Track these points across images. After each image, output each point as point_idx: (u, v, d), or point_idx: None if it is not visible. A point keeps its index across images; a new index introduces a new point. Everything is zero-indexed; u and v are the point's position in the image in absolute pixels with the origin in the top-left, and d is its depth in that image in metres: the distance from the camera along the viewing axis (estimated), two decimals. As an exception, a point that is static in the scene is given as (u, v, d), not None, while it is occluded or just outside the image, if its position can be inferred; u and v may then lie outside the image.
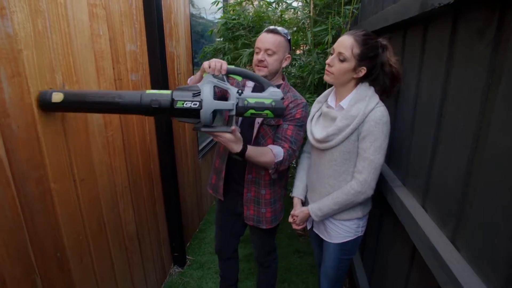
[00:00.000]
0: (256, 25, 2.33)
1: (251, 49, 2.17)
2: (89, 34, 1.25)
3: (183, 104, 1.03)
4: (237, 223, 1.57)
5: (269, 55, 1.31)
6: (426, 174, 0.91)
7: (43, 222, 1.06)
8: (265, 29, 1.35)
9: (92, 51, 1.28)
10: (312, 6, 1.91)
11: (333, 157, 1.17)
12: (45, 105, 1.02)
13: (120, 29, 1.48)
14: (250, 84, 1.43)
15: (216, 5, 2.47)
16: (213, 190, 1.52)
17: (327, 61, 1.14)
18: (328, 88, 2.20)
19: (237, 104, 1.05)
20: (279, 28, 1.32)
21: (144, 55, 1.70)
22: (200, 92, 1.05)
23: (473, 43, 0.68)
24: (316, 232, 1.39)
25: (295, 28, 2.30)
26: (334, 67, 1.12)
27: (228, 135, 1.10)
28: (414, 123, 1.02)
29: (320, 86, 2.26)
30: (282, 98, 1.06)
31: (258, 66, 1.33)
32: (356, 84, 1.15)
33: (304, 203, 1.45)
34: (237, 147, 1.14)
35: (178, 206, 2.11)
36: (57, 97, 1.02)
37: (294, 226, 1.38)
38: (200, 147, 2.86)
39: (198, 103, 1.03)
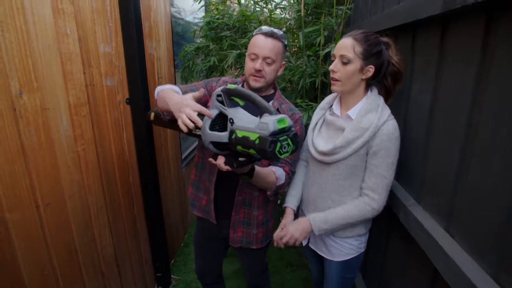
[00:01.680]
0: (242, 25, 2.19)
1: (238, 51, 2.02)
2: (54, 32, 1.07)
3: (196, 131, 0.95)
4: (219, 247, 1.41)
5: (268, 64, 1.13)
6: (451, 193, 0.80)
7: (-4, 260, 0.87)
8: (260, 30, 1.15)
9: (58, 52, 1.09)
10: (303, 5, 1.80)
11: (338, 171, 1.06)
12: (148, 122, 1.22)
13: (92, 28, 1.30)
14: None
15: (199, 2, 2.30)
16: (204, 212, 1.33)
17: (331, 68, 1.03)
18: (320, 91, 2.11)
19: (229, 136, 0.84)
20: (278, 31, 1.14)
21: (120, 58, 1.52)
22: None
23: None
24: (313, 248, 1.27)
25: (284, 29, 2.18)
26: (339, 72, 1.01)
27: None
28: (430, 134, 0.91)
29: (311, 90, 2.16)
30: (277, 134, 0.74)
31: (254, 76, 1.14)
32: (366, 88, 1.04)
33: (297, 216, 1.33)
34: (246, 168, 0.98)
35: (162, 223, 1.93)
36: (151, 115, 1.15)
37: (281, 243, 1.13)
38: (184, 156, 2.68)
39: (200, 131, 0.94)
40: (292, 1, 2.09)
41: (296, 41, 2.00)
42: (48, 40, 1.04)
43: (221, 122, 0.91)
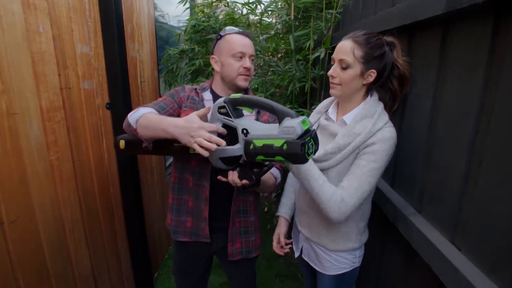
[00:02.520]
0: (230, 29, 2.13)
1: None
2: (23, 29, 0.97)
3: (192, 150, 0.87)
4: (206, 265, 1.32)
5: (252, 61, 1.12)
6: (456, 203, 0.76)
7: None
8: (232, 30, 1.11)
9: (28, 52, 0.99)
10: (292, 9, 1.76)
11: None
12: (118, 151, 1.10)
13: (68, 27, 1.20)
14: (207, 96, 1.14)
15: (184, 4, 2.23)
16: (191, 235, 1.19)
17: (329, 73, 0.97)
18: (310, 96, 2.07)
19: (244, 148, 0.81)
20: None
21: (100, 59, 1.42)
22: None
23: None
24: (307, 260, 1.20)
25: (272, 32, 2.15)
26: (339, 77, 0.95)
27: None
28: (431, 140, 0.87)
29: (300, 96, 2.12)
30: (302, 136, 0.72)
31: (244, 75, 1.09)
32: (366, 92, 0.99)
33: (292, 227, 1.27)
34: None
35: (144, 235, 1.81)
36: (121, 144, 1.04)
37: (279, 251, 1.21)
38: (168, 163, 2.57)
39: None
40: (279, 5, 2.05)
41: (283, 45, 1.96)
42: (16, 38, 0.94)
43: (227, 135, 0.86)
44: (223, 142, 0.80)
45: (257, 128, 0.82)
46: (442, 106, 0.83)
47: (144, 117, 0.93)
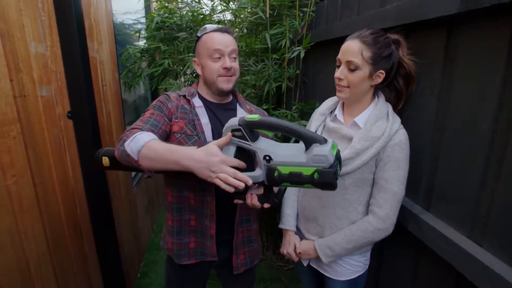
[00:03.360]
0: (198, 26, 2.00)
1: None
2: (-36, 24, 0.76)
3: None
4: (205, 281, 1.20)
5: (234, 59, 1.02)
6: (473, 200, 0.76)
7: None
8: (211, 28, 1.01)
9: (-29, 52, 0.78)
10: (267, 5, 1.70)
11: (344, 185, 0.96)
12: (100, 169, 1.06)
13: (18, 21, 0.99)
14: (197, 103, 1.03)
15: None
16: (196, 256, 1.06)
17: (336, 75, 0.93)
18: (285, 96, 2.03)
19: (266, 175, 0.76)
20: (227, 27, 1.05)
21: (57, 61, 1.21)
22: None
23: None
24: (315, 267, 1.14)
25: (245, 31, 2.06)
26: (346, 79, 0.91)
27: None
28: (439, 139, 0.87)
29: (274, 96, 2.07)
30: (334, 165, 0.69)
31: (225, 76, 1.00)
32: (374, 93, 0.97)
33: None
34: None
35: (117, 257, 1.62)
36: (105, 161, 1.02)
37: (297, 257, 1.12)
38: (133, 174, 2.34)
39: None
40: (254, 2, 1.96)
41: (258, 43, 1.88)
42: (-44, 35, 0.73)
43: (242, 159, 0.79)
44: (249, 181, 0.73)
45: (280, 154, 0.76)
46: (450, 106, 0.83)
47: (148, 148, 0.80)
